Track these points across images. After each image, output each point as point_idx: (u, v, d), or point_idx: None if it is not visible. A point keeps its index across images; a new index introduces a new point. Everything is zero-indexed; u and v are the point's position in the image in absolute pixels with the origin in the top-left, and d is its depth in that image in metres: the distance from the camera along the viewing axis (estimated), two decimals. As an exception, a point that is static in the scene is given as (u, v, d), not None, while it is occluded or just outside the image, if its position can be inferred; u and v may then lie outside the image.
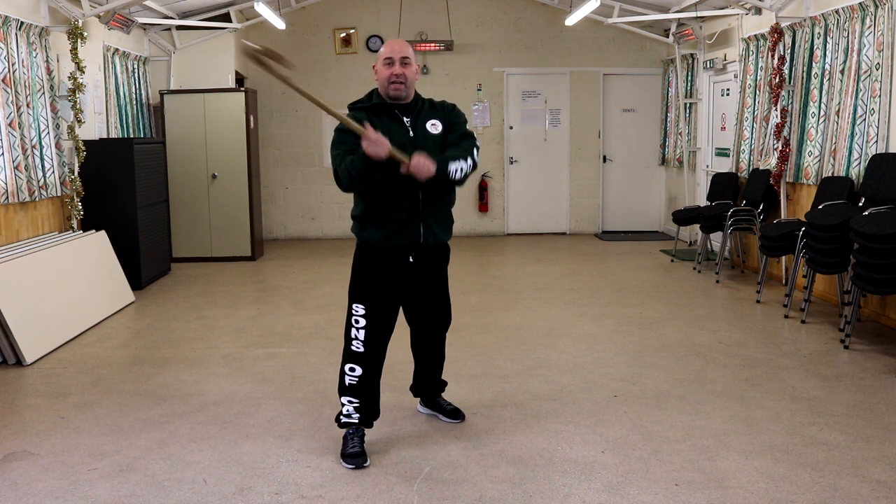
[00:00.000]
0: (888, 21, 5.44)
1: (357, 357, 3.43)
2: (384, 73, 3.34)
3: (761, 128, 7.33)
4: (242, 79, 10.03)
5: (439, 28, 10.43)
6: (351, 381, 3.44)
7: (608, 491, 3.09)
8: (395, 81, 3.32)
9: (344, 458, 3.37)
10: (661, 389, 4.27)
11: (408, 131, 3.35)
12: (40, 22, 6.32)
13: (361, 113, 3.35)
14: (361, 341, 3.41)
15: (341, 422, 3.48)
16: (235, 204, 8.80)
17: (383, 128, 3.25)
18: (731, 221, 7.25)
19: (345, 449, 3.40)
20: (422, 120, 3.40)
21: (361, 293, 3.43)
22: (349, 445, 3.40)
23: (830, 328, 5.47)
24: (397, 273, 3.44)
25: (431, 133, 3.38)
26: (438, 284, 3.65)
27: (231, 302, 6.73)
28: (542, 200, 10.87)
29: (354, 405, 3.45)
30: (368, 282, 3.42)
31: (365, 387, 3.45)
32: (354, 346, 3.43)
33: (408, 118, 3.38)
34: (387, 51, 3.35)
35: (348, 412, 3.45)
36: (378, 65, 3.36)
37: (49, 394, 4.37)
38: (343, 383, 3.46)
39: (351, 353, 3.44)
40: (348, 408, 3.45)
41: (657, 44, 10.46)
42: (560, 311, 6.16)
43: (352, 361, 3.44)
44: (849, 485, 3.11)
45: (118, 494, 3.12)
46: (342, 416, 3.47)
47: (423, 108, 3.44)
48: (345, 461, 3.36)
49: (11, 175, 5.80)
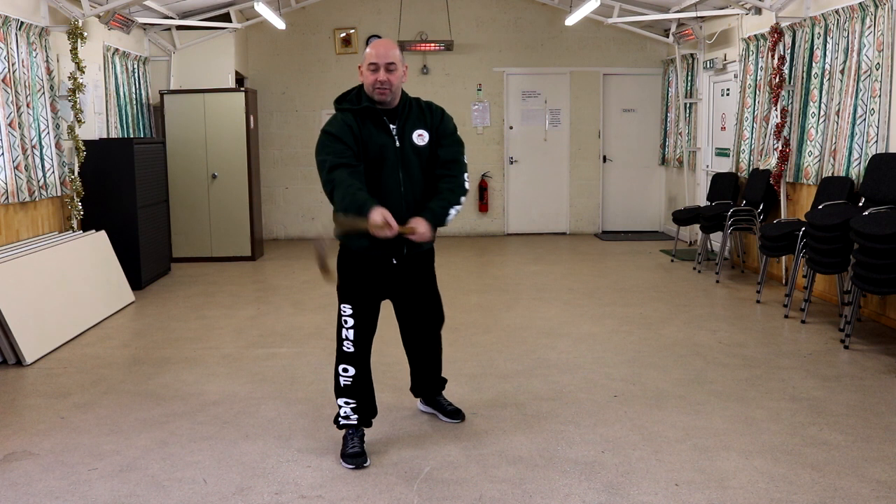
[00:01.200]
0: (888, 21, 5.44)
1: (348, 357, 3.44)
2: (369, 78, 3.27)
3: (761, 128, 7.33)
4: (242, 79, 10.04)
5: (439, 28, 10.43)
6: (346, 382, 3.45)
7: (608, 491, 3.09)
8: (379, 88, 3.26)
9: (344, 458, 3.38)
10: (661, 389, 4.27)
11: (394, 141, 3.31)
12: (40, 22, 6.33)
13: (349, 115, 3.31)
14: (351, 341, 3.42)
15: (340, 423, 3.49)
16: (235, 204, 8.80)
17: (369, 135, 3.26)
18: (731, 221, 7.25)
19: (345, 449, 3.40)
20: (409, 128, 3.35)
21: (348, 294, 3.43)
22: (349, 445, 3.40)
23: (830, 328, 5.47)
24: (382, 275, 3.45)
25: (417, 145, 3.35)
26: (426, 283, 3.65)
27: (231, 302, 6.73)
28: (542, 200, 10.87)
29: (351, 406, 3.46)
30: (354, 283, 3.42)
31: (359, 386, 3.46)
32: (346, 347, 3.44)
33: (394, 125, 3.33)
34: (371, 55, 3.27)
35: (346, 413, 3.46)
36: (363, 67, 3.31)
37: (49, 394, 4.37)
38: (338, 385, 3.47)
39: (343, 353, 3.45)
40: (346, 409, 3.46)
41: (657, 44, 10.46)
42: (560, 311, 6.16)
43: (344, 362, 3.45)
44: (849, 485, 3.11)
45: (118, 494, 3.12)
46: (340, 418, 3.48)
47: (410, 113, 3.38)
48: (345, 461, 3.36)
49: (11, 175, 5.80)
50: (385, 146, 3.29)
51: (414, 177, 3.34)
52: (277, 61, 10.48)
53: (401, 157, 3.30)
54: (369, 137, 3.27)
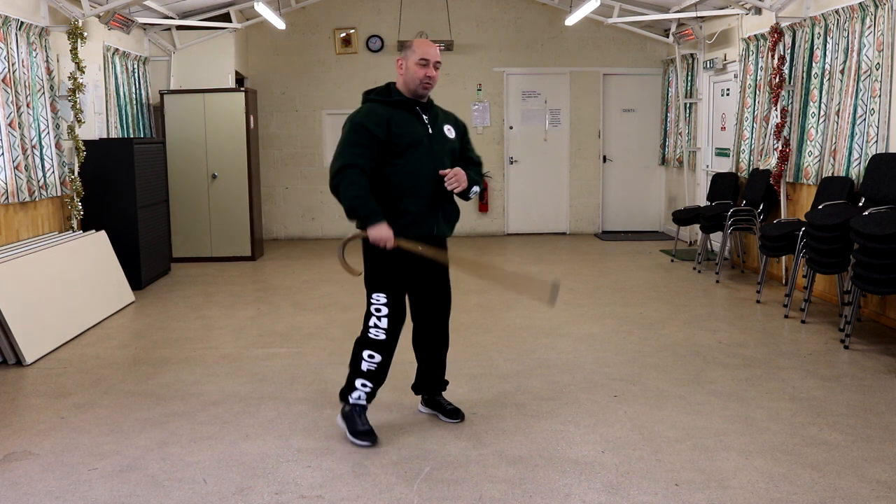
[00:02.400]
0: (888, 21, 5.44)
1: (378, 345, 3.52)
2: (419, 72, 3.47)
3: (761, 128, 7.33)
4: (242, 79, 10.04)
5: (439, 28, 10.43)
6: (370, 367, 3.53)
7: (608, 491, 3.09)
8: (426, 82, 3.49)
9: (357, 435, 3.48)
10: (661, 389, 4.27)
11: (427, 128, 3.53)
12: (40, 22, 6.33)
13: (381, 106, 3.49)
14: (384, 329, 3.49)
15: (349, 402, 3.56)
16: (235, 204, 8.80)
17: (402, 122, 3.45)
18: (731, 221, 7.25)
19: (355, 426, 3.49)
20: (439, 121, 3.61)
21: (382, 282, 3.50)
22: (360, 423, 3.50)
23: (830, 328, 5.47)
24: (410, 262, 3.52)
25: (447, 136, 3.60)
26: (443, 271, 3.73)
27: (231, 302, 6.73)
28: (542, 200, 10.87)
29: (367, 389, 3.55)
30: (388, 271, 3.49)
31: (381, 373, 3.57)
32: (373, 334, 3.51)
33: (426, 115, 3.56)
34: (423, 52, 3.49)
35: (359, 396, 3.55)
36: (409, 62, 3.49)
37: (49, 394, 4.37)
38: (359, 367, 3.54)
39: (370, 340, 3.52)
40: (361, 392, 3.55)
41: (657, 44, 10.46)
42: (560, 311, 6.16)
43: (371, 348, 3.52)
44: (849, 485, 3.11)
45: (118, 494, 3.12)
46: (351, 398, 3.56)
47: (437, 111, 3.65)
48: (358, 439, 3.47)
49: (11, 175, 5.80)
50: (419, 132, 3.49)
51: (443, 161, 3.54)
52: (277, 61, 10.48)
53: (432, 143, 3.51)
54: (404, 125, 3.47)
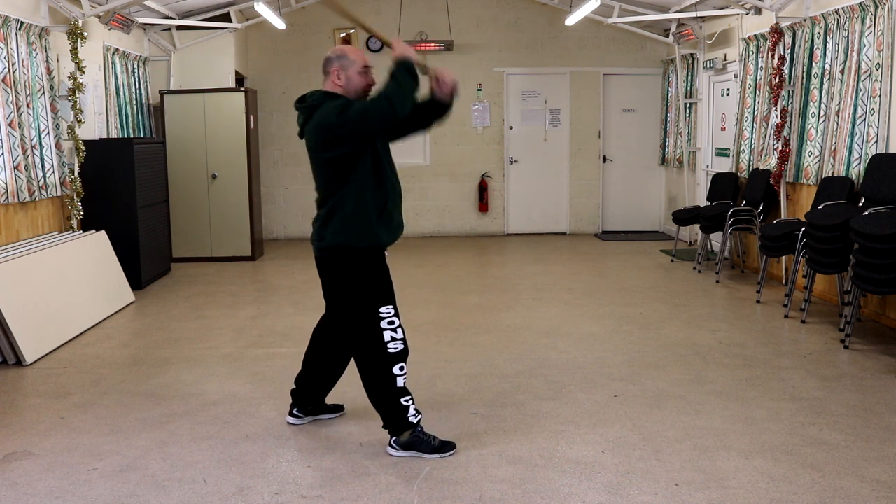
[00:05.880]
0: (888, 21, 5.44)
1: (401, 355, 3.43)
2: (362, 81, 3.48)
3: (761, 128, 7.33)
4: (242, 79, 10.04)
5: (439, 28, 10.43)
6: (406, 380, 3.45)
7: (608, 491, 3.09)
8: (369, 90, 3.48)
9: (440, 451, 3.40)
10: (661, 389, 4.27)
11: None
12: (40, 22, 6.33)
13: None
14: (401, 339, 3.43)
15: (413, 421, 3.43)
16: (235, 204, 8.80)
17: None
18: (731, 221, 7.25)
19: (430, 444, 3.41)
20: None
21: (386, 295, 3.44)
22: (431, 439, 3.43)
23: (830, 328, 5.47)
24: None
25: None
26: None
27: (231, 302, 6.73)
28: (542, 200, 10.87)
29: (412, 402, 3.47)
30: (385, 282, 3.46)
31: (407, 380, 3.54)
32: (392, 348, 3.40)
33: None
34: (363, 59, 3.50)
35: (414, 412, 3.45)
36: (350, 72, 3.45)
37: (49, 394, 4.37)
38: (396, 385, 3.41)
39: (393, 356, 3.40)
40: (412, 407, 3.45)
41: (657, 44, 10.46)
42: (560, 311, 6.16)
43: (398, 361, 3.41)
44: (849, 485, 3.11)
45: (118, 494, 3.12)
46: (410, 419, 3.43)
47: None
48: (444, 452, 3.40)
49: (11, 175, 5.80)
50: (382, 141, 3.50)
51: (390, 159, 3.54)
52: (277, 61, 10.48)
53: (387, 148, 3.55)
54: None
